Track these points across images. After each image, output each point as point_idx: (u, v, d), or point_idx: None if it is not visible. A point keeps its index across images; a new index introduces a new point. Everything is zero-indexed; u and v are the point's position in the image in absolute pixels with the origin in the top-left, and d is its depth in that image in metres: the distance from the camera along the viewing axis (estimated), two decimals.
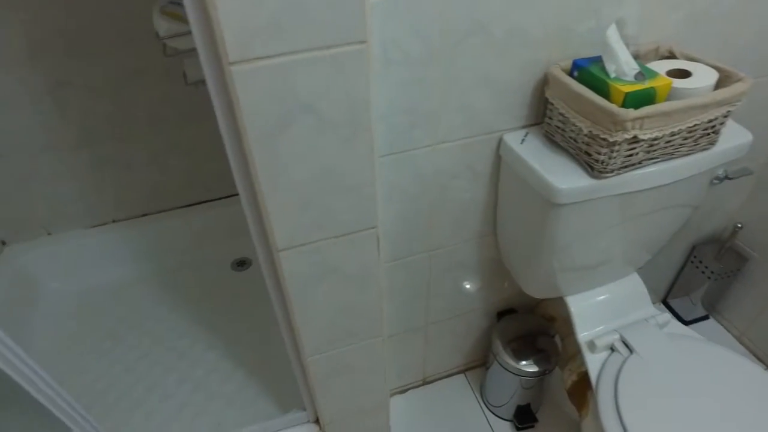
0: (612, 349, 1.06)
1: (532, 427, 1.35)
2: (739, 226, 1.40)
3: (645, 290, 1.13)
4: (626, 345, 1.04)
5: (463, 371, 1.48)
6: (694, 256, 1.50)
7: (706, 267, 1.46)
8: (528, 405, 1.35)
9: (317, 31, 0.53)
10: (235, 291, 1.59)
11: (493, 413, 1.39)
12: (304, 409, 1.08)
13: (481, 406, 1.41)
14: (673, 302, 1.63)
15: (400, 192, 0.93)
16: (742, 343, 1.53)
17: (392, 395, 1.41)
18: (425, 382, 1.45)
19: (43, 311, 1.54)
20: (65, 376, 1.38)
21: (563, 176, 0.84)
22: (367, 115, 0.61)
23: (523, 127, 0.95)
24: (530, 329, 1.30)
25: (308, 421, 1.10)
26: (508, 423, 1.37)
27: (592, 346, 1.06)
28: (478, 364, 1.48)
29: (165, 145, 1.53)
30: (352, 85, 0.58)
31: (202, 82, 1.13)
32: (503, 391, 1.33)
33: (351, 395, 1.02)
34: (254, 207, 0.67)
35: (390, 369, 1.30)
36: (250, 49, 0.52)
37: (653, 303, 1.39)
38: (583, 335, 1.07)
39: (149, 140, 1.51)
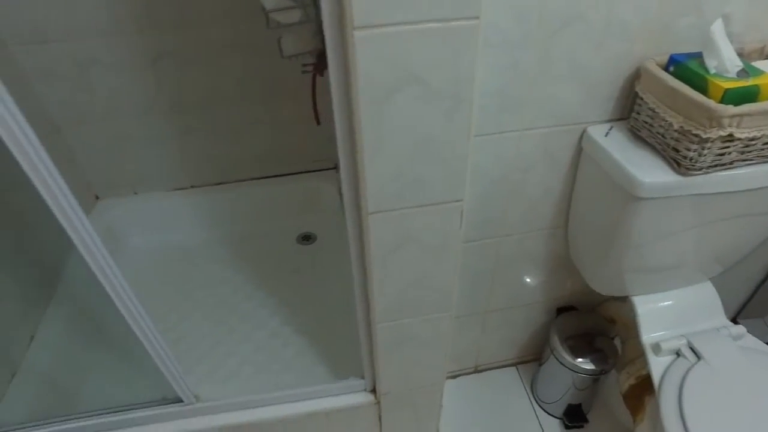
0: (678, 354, 1.04)
1: (581, 427, 1.35)
2: None
3: (718, 300, 1.11)
4: (693, 351, 1.02)
5: (516, 365, 1.49)
6: None
7: None
8: (579, 405, 1.34)
9: (437, 3, 0.56)
10: (299, 263, 1.66)
11: (543, 409, 1.39)
12: (363, 378, 1.12)
13: (531, 401, 1.41)
14: (743, 322, 1.56)
15: (482, 174, 0.96)
16: None
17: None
18: (477, 370, 1.47)
19: (123, 263, 1.66)
20: None
21: (647, 170, 0.84)
22: (471, 90, 0.64)
23: (608, 121, 0.95)
24: (589, 328, 1.29)
25: (365, 390, 1.15)
26: (557, 421, 1.37)
27: (656, 348, 1.04)
28: (531, 359, 1.49)
29: (248, 119, 1.61)
30: (461, 58, 0.61)
31: (297, 56, 1.19)
32: (555, 388, 1.33)
33: (411, 368, 1.06)
34: (352, 170, 0.72)
35: (442, 380, 1.33)
36: (375, 16, 0.56)
37: None
38: (647, 336, 1.06)
39: (234, 112, 1.59)
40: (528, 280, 1.23)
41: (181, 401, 1.09)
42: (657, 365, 1.03)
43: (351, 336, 1.14)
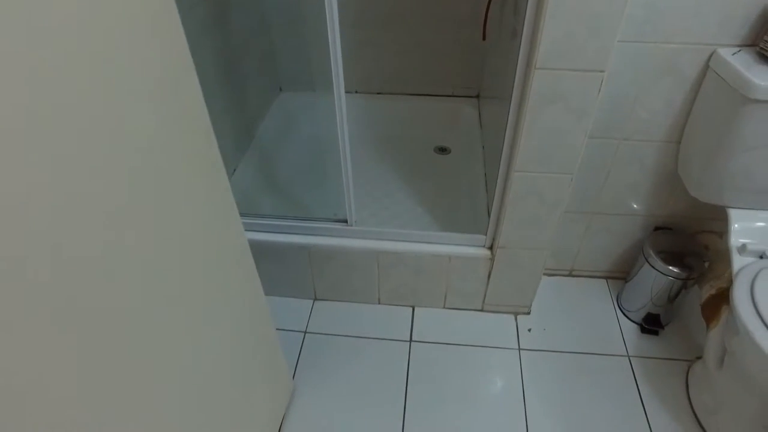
0: (761, 257, 1.22)
1: (657, 333, 1.55)
2: None
3: None
4: None
5: (606, 278, 1.70)
6: None
7: None
8: (658, 315, 1.54)
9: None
10: (435, 167, 1.97)
11: (625, 315, 1.61)
12: (485, 234, 1.42)
13: (614, 309, 1.63)
14: None
15: (618, 76, 1.20)
16: None
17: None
18: (571, 274, 1.71)
19: (290, 152, 2.09)
20: None
21: (764, 77, 1.04)
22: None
23: (738, 45, 1.15)
24: (682, 248, 1.48)
25: (483, 246, 1.44)
26: (635, 326, 1.58)
27: (742, 249, 1.23)
28: (620, 276, 1.69)
29: (416, 40, 1.94)
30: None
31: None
32: (640, 295, 1.54)
33: (527, 228, 1.33)
34: (532, 29, 1.00)
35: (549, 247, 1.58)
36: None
37: None
38: (735, 240, 1.25)
39: (406, 33, 1.93)
40: (635, 188, 1.44)
41: (346, 222, 1.45)
42: (739, 262, 1.22)
43: (476, 214, 1.43)
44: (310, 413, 1.35)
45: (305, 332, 1.55)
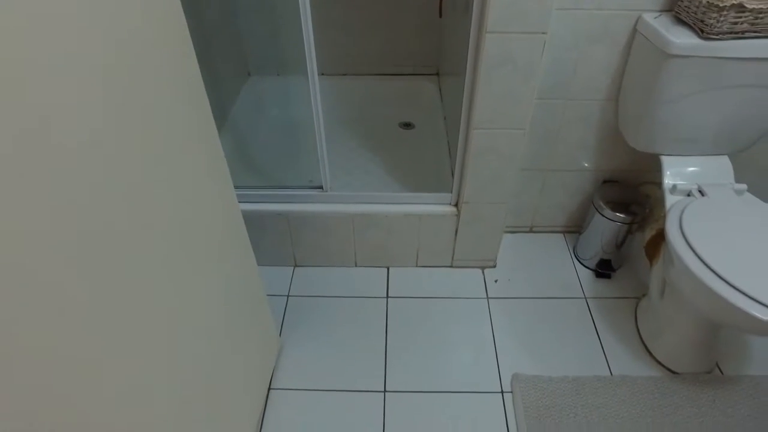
0: (689, 194, 1.39)
1: (609, 277, 1.71)
2: None
3: (731, 169, 1.44)
4: (701, 193, 1.37)
5: (563, 232, 1.87)
6: None
7: None
8: (609, 260, 1.71)
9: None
10: (401, 141, 2.10)
11: (581, 263, 1.77)
12: (450, 192, 1.55)
13: (571, 258, 1.79)
14: None
15: (559, 41, 1.34)
16: None
17: (504, 232, 1.84)
18: (531, 230, 1.86)
19: (263, 130, 2.18)
20: None
21: (679, 36, 1.20)
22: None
23: (659, 10, 1.31)
24: (627, 198, 1.64)
25: (450, 203, 1.57)
26: (590, 272, 1.74)
27: (673, 189, 1.40)
28: (575, 230, 1.86)
29: (377, 21, 2.06)
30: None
31: None
32: (593, 244, 1.70)
33: (488, 183, 1.47)
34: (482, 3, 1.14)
35: (510, 206, 1.72)
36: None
37: None
38: (668, 181, 1.42)
39: (367, 14, 2.04)
40: (583, 145, 1.60)
41: (321, 188, 1.56)
42: (671, 200, 1.39)
43: (441, 178, 1.56)
44: (298, 365, 1.46)
45: (288, 296, 1.65)
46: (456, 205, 1.57)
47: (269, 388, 1.41)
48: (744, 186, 1.40)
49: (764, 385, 1.40)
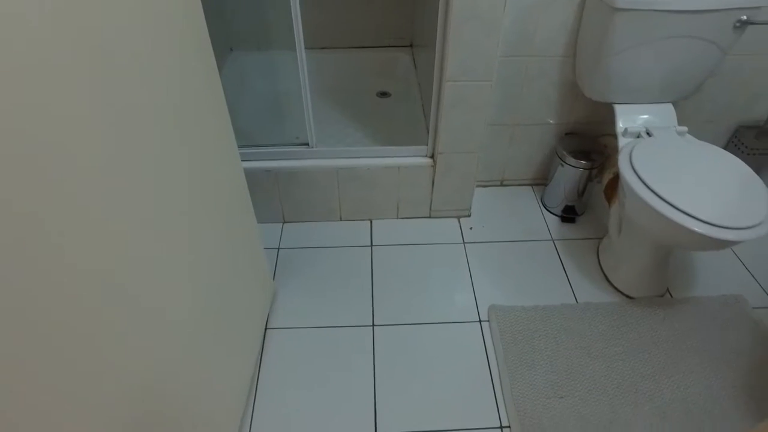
0: (638, 136, 1.56)
1: (574, 221, 1.88)
2: None
3: (674, 113, 1.61)
4: (648, 134, 1.54)
5: (531, 185, 2.02)
6: (736, 137, 1.92)
7: (746, 146, 1.87)
8: (573, 206, 1.87)
9: None
10: (379, 108, 2.22)
11: (548, 211, 1.93)
12: (426, 145, 1.68)
13: (539, 207, 1.95)
14: None
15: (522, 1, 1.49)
16: None
17: (477, 187, 1.99)
18: (502, 184, 2.01)
19: (246, 103, 2.28)
20: None
21: None
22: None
23: None
24: (587, 148, 1.81)
25: (426, 155, 1.71)
26: (556, 218, 1.90)
27: (625, 132, 1.56)
28: (542, 182, 2.02)
29: None
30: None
31: None
32: (558, 193, 1.86)
33: (460, 133, 1.61)
34: None
35: (481, 161, 1.87)
36: None
37: None
38: (620, 126, 1.58)
39: None
40: (546, 100, 1.75)
41: (307, 144, 1.68)
42: (623, 142, 1.55)
43: (417, 135, 1.69)
44: (292, 307, 1.58)
45: (278, 248, 1.77)
46: (432, 156, 1.71)
47: (266, 328, 1.53)
48: (685, 128, 1.57)
49: (706, 304, 1.58)
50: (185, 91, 0.89)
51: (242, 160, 1.65)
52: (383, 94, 2.31)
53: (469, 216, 1.88)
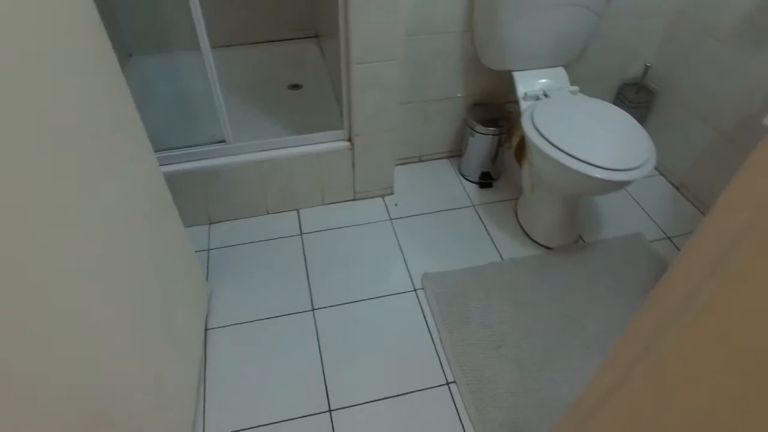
0: (537, 98, 1.68)
1: (491, 186, 1.99)
2: (648, 65, 2.02)
3: (566, 75, 1.75)
4: (546, 96, 1.67)
5: (448, 157, 2.12)
6: (621, 93, 2.11)
7: (629, 100, 2.07)
8: (489, 172, 1.99)
9: None
10: (292, 100, 2.23)
11: (467, 179, 2.03)
12: (342, 129, 1.72)
13: (458, 177, 2.05)
14: None
15: None
16: None
17: (396, 165, 2.05)
18: (421, 160, 2.09)
19: (154, 108, 2.20)
20: None
21: None
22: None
23: None
24: (495, 116, 1.92)
25: (343, 139, 1.75)
26: (475, 185, 2.01)
27: (525, 96, 1.68)
28: (458, 154, 2.12)
29: None
30: None
31: None
32: (473, 161, 1.96)
33: (375, 114, 1.66)
34: None
35: (398, 139, 1.93)
36: None
37: None
38: (521, 91, 1.70)
39: None
40: (452, 74, 1.84)
41: (224, 141, 1.66)
42: (524, 105, 1.67)
43: (332, 121, 1.72)
44: (229, 305, 1.56)
45: (208, 250, 1.74)
46: (349, 139, 1.75)
47: (206, 329, 1.51)
48: (576, 88, 1.71)
49: (612, 244, 1.74)
50: (88, 99, 0.87)
51: (160, 165, 1.61)
52: (295, 87, 2.32)
53: (393, 194, 1.95)
